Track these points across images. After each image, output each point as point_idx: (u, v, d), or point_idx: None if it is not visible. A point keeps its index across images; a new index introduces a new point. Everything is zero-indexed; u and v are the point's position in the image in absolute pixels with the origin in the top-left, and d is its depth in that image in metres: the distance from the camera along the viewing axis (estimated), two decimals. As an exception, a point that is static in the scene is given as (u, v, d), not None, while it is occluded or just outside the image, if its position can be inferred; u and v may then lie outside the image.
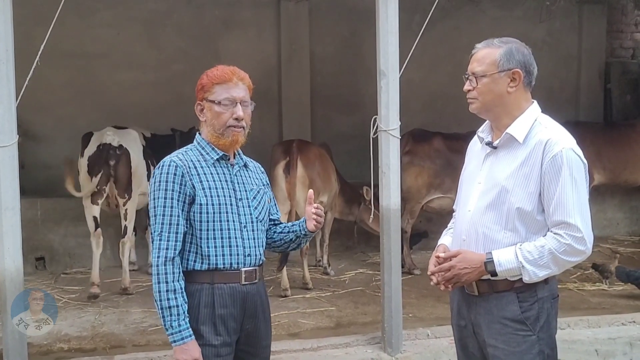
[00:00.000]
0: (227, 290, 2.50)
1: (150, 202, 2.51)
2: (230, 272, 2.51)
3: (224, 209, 2.51)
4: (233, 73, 2.56)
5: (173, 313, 2.39)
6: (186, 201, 2.47)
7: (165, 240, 2.44)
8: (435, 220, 6.97)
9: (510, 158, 2.42)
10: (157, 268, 2.43)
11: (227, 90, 2.53)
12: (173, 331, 2.40)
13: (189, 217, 2.48)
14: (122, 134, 5.75)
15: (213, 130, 2.55)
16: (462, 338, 2.60)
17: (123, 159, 5.59)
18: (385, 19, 4.08)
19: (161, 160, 2.55)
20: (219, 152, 2.56)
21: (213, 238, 2.49)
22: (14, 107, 3.61)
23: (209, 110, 2.54)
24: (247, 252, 2.55)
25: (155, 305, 2.44)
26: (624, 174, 7.21)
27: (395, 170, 4.20)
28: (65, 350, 4.51)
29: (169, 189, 2.46)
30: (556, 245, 2.32)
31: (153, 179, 2.52)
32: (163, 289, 2.40)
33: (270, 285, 5.93)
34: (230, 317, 2.50)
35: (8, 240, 3.59)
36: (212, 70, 2.58)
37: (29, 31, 4.81)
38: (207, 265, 2.49)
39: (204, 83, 2.56)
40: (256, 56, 7.55)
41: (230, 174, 2.59)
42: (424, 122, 6.90)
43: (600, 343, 4.48)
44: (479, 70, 2.43)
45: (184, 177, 2.47)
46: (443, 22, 7.36)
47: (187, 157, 2.54)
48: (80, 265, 6.01)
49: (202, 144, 2.58)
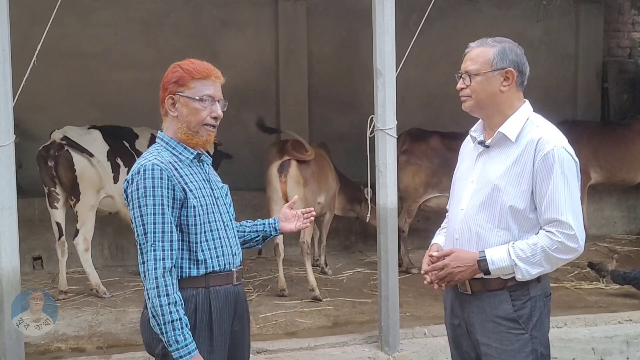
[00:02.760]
0: (222, 292, 2.43)
1: (135, 210, 2.31)
2: (223, 274, 2.44)
3: (210, 209, 2.43)
4: (212, 70, 2.44)
5: (177, 327, 2.26)
6: (175, 206, 2.34)
7: (160, 250, 2.29)
8: (434, 219, 6.98)
9: (502, 157, 2.44)
10: (155, 281, 2.27)
11: (207, 87, 2.41)
12: (179, 346, 2.27)
13: (180, 222, 2.36)
14: (75, 134, 5.58)
15: (187, 127, 2.40)
16: (455, 337, 2.61)
17: (61, 160, 5.42)
18: (382, 18, 4.09)
19: (137, 164, 2.36)
20: (192, 152, 2.44)
21: (205, 241, 2.40)
22: (11, 106, 3.61)
23: (185, 106, 2.39)
24: (234, 252, 2.50)
25: (155, 321, 2.29)
26: (620, 173, 7.22)
27: (392, 169, 4.21)
28: (63, 350, 4.52)
29: (157, 195, 2.30)
30: (548, 243, 2.34)
31: (133, 185, 2.33)
32: (164, 302, 2.26)
33: (268, 284, 5.95)
34: (225, 320, 2.44)
35: (5, 240, 3.59)
36: (185, 63, 2.43)
37: (26, 30, 4.81)
38: (203, 270, 2.39)
39: (179, 76, 2.40)
40: (254, 56, 7.56)
41: (205, 172, 2.50)
42: (421, 121, 6.90)
43: (597, 341, 4.49)
44: (473, 68, 2.45)
45: (171, 181, 2.33)
46: (440, 21, 7.36)
47: (163, 158, 2.37)
48: (77, 265, 6.00)
49: (171, 143, 2.43)
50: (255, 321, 5.02)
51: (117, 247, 6.71)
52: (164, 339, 2.29)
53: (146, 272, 2.31)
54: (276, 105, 7.75)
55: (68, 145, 5.48)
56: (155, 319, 2.30)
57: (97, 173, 5.59)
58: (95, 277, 5.65)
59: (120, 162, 5.79)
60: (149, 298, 2.29)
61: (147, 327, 2.41)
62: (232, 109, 8.24)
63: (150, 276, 2.29)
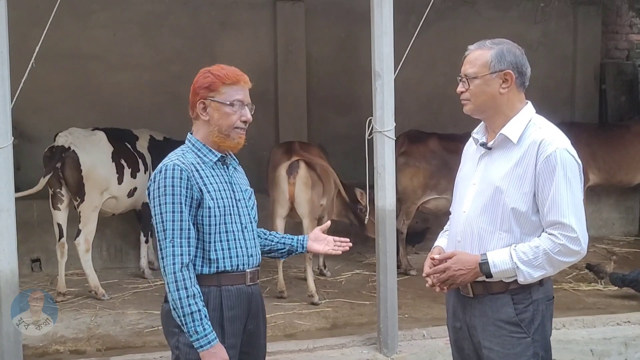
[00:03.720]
0: (234, 292, 2.51)
1: (155, 208, 2.43)
2: (236, 274, 2.52)
3: (228, 210, 2.51)
4: (241, 75, 2.54)
5: (196, 318, 2.37)
6: (193, 205, 2.44)
7: (178, 247, 2.40)
8: (432, 221, 6.99)
9: (504, 159, 2.43)
10: (174, 275, 2.38)
11: (237, 92, 2.51)
12: (199, 336, 2.37)
13: (196, 221, 2.45)
14: (79, 135, 5.64)
15: (218, 131, 2.50)
16: (457, 340, 2.61)
17: (68, 162, 5.49)
18: (380, 20, 4.09)
19: (161, 164, 2.48)
20: (217, 154, 2.54)
21: (219, 241, 2.49)
22: (10, 108, 3.61)
23: (216, 111, 2.50)
24: (250, 253, 2.57)
25: (175, 313, 2.39)
26: (619, 175, 7.24)
27: (391, 171, 4.21)
28: (61, 352, 4.52)
29: (176, 194, 2.41)
30: (551, 246, 2.33)
31: (155, 184, 2.45)
32: (183, 295, 2.37)
33: (267, 286, 5.94)
34: (237, 318, 2.51)
35: (3, 242, 3.60)
36: (216, 69, 2.53)
37: (24, 32, 4.81)
38: (215, 269, 2.48)
39: (210, 81, 2.50)
40: (252, 57, 7.54)
41: (228, 175, 2.58)
42: (419, 123, 6.90)
43: (596, 343, 4.49)
44: (471, 71, 2.45)
45: (190, 181, 2.43)
46: (438, 23, 7.36)
47: (186, 159, 2.48)
48: (76, 267, 5.99)
49: (197, 145, 2.54)
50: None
51: (116, 249, 6.69)
52: (185, 329, 2.39)
53: (165, 267, 2.42)
54: (275, 107, 7.75)
55: (74, 145, 5.54)
56: (175, 312, 2.40)
57: (107, 174, 5.66)
58: (94, 278, 5.65)
59: (124, 163, 5.85)
60: (169, 291, 2.40)
61: (165, 319, 2.52)
62: (231, 110, 8.08)
63: (169, 271, 2.40)
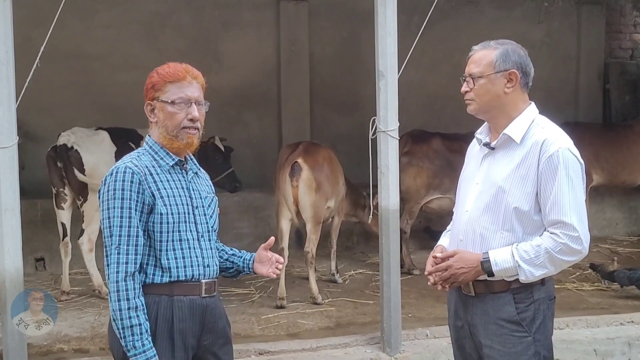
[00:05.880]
0: (187, 303, 2.36)
1: (104, 212, 2.30)
2: (190, 284, 2.38)
3: (183, 218, 2.37)
4: (186, 71, 2.40)
5: (135, 332, 2.23)
6: (144, 211, 2.31)
7: (124, 254, 2.26)
8: (435, 220, 7.00)
9: (507, 159, 2.44)
10: (116, 284, 2.24)
11: (181, 89, 2.37)
12: (136, 352, 2.24)
13: (147, 227, 2.32)
14: (82, 135, 5.63)
15: (166, 132, 2.38)
16: (459, 339, 2.61)
17: (72, 161, 5.48)
18: (384, 20, 4.09)
19: (113, 166, 2.35)
20: (174, 158, 2.40)
21: (172, 249, 2.35)
22: (14, 108, 3.62)
23: (161, 111, 2.38)
24: (206, 263, 2.43)
25: (114, 324, 2.27)
26: (622, 175, 7.23)
27: (394, 171, 4.21)
28: (65, 351, 4.53)
29: (125, 198, 2.27)
30: (552, 245, 2.34)
31: (105, 186, 2.31)
32: (124, 306, 2.23)
33: (270, 285, 5.94)
34: (189, 332, 2.37)
35: (8, 241, 3.60)
36: (162, 67, 2.41)
37: (29, 32, 4.82)
38: (167, 278, 2.34)
39: (154, 81, 2.39)
40: (255, 57, 7.56)
41: (186, 181, 2.44)
42: (423, 123, 6.91)
43: (599, 343, 4.49)
44: (476, 71, 2.46)
45: (142, 185, 2.30)
46: (442, 23, 7.36)
47: (141, 162, 2.35)
48: (80, 266, 6.01)
49: (154, 148, 2.41)
50: (257, 322, 5.05)
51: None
52: (122, 343, 2.26)
53: (109, 274, 2.29)
54: (278, 107, 7.75)
55: (76, 145, 5.54)
56: (115, 323, 2.27)
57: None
58: (98, 277, 5.66)
59: None
60: (110, 301, 2.28)
61: (110, 331, 2.39)
62: (233, 110, 8.30)
63: (112, 279, 2.27)
